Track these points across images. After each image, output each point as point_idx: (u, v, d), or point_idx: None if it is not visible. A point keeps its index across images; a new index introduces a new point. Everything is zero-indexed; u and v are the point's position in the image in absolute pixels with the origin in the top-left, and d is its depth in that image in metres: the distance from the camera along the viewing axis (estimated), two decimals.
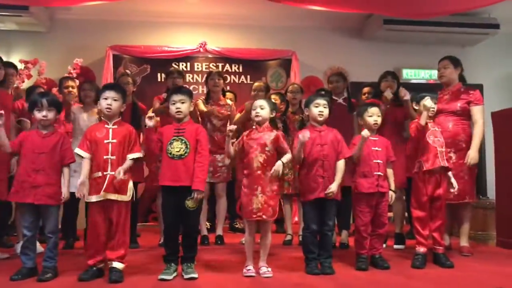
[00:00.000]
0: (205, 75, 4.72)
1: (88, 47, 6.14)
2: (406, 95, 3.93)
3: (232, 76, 6.46)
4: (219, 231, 4.40)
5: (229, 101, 4.60)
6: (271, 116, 3.18)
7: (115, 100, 2.99)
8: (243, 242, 3.18)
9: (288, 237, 4.37)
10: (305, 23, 6.47)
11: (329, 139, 3.17)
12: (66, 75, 5.17)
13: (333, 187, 3.08)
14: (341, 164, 3.17)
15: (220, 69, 6.16)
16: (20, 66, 5.22)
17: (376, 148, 3.30)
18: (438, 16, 5.54)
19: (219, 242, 4.31)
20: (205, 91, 4.93)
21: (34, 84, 5.25)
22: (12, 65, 4.12)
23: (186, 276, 2.91)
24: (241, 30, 6.52)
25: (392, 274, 3.08)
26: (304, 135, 3.05)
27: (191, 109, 3.17)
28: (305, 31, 6.59)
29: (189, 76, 6.33)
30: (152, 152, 3.29)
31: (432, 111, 3.39)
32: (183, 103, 3.06)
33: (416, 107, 3.45)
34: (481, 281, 2.86)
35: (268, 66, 6.59)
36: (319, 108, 3.21)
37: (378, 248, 3.30)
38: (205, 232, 4.36)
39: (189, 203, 2.93)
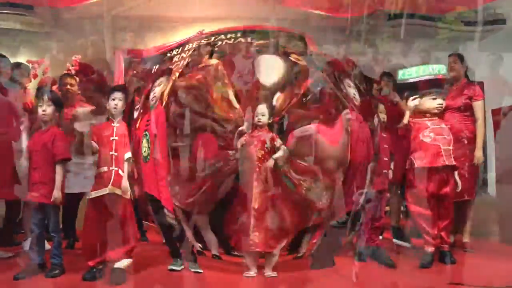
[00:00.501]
0: None
1: (91, 46, 6.16)
2: (395, 98, 3.98)
3: None
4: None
5: None
6: (269, 121, 3.34)
7: (120, 100, 3.07)
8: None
9: None
10: (305, 22, 6.47)
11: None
12: (65, 72, 5.17)
13: None
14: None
15: None
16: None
17: (385, 146, 3.36)
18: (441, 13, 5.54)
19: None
20: None
21: (39, 83, 5.26)
22: (21, 65, 4.15)
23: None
24: None
25: (396, 271, 3.14)
26: None
27: None
28: (305, 30, 6.56)
29: None
30: None
31: (440, 107, 3.41)
32: None
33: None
34: (484, 277, 2.88)
35: None
36: None
37: (374, 240, 3.39)
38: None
39: None
